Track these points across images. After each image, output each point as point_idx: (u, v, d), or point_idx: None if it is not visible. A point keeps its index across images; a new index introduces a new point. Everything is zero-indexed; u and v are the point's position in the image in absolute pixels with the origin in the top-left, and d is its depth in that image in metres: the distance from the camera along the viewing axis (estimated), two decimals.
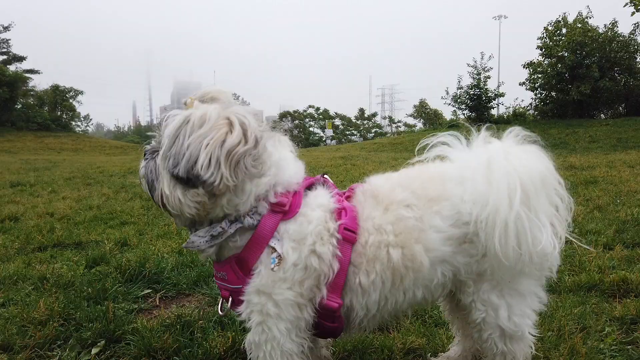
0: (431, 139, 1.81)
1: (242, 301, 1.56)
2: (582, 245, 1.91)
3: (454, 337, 2.17)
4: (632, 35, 23.23)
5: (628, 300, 2.74)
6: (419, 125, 51.21)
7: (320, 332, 1.67)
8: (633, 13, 21.71)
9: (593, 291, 2.92)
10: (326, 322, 1.61)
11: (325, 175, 1.74)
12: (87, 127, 46.88)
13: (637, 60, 23.75)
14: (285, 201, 1.54)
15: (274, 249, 1.51)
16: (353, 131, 58.61)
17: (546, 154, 1.69)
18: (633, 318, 2.51)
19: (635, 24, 23.41)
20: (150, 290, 3.19)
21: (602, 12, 25.29)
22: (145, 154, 1.57)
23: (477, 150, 1.71)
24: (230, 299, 1.61)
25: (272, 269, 1.50)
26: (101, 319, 2.59)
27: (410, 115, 54.56)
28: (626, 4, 21.74)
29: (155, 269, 3.40)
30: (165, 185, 1.45)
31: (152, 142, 1.59)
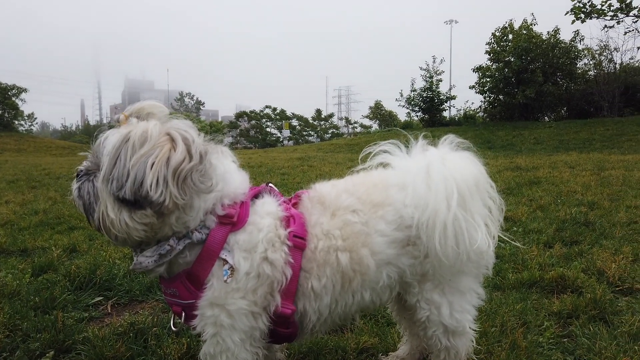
0: (374, 147, 1.91)
1: (195, 315, 1.55)
2: (515, 243, 2.08)
3: (402, 335, 2.26)
4: (572, 42, 24.55)
5: (565, 295, 2.94)
6: (375, 126, 52.10)
7: (275, 338, 1.70)
8: (573, 21, 22.94)
9: (534, 288, 3.10)
10: (280, 328, 1.64)
11: (270, 184, 1.77)
12: (32, 127, 44.63)
13: (578, 66, 25.14)
14: (233, 212, 1.55)
15: (226, 261, 1.51)
16: (310, 132, 58.87)
17: (478, 159, 1.81)
18: (569, 313, 2.68)
19: (575, 32, 24.76)
20: (101, 298, 3.12)
21: (545, 20, 26.59)
22: (78, 175, 1.50)
23: (417, 157, 1.81)
24: (184, 314, 1.60)
25: (225, 280, 1.50)
26: (50, 328, 2.51)
27: (366, 117, 55.52)
28: (567, 13, 22.95)
29: (107, 276, 3.32)
30: (110, 209, 1.40)
31: (86, 162, 1.52)
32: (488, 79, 25.55)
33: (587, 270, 3.33)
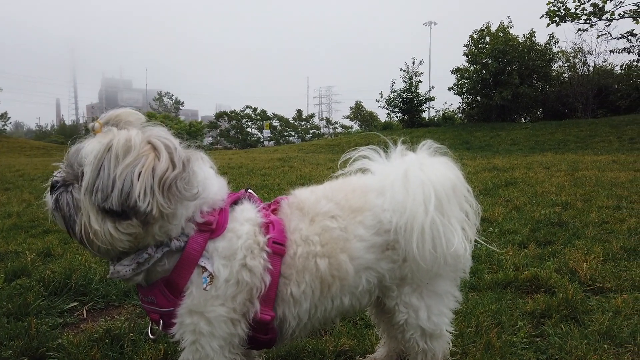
0: (353, 152, 1.93)
1: (173, 323, 1.54)
2: (489, 246, 2.12)
3: (380, 338, 2.29)
4: (547, 45, 25.08)
5: (538, 295, 3.00)
6: (356, 127, 52.33)
7: (254, 345, 1.70)
8: (548, 24, 23.44)
9: (509, 288, 3.17)
10: (259, 335, 1.64)
11: (250, 190, 1.77)
12: (5, 127, 43.58)
13: (553, 68, 25.71)
14: (212, 219, 1.55)
15: (205, 268, 1.51)
16: (291, 132, 58.77)
17: (455, 164, 1.85)
18: (542, 312, 2.75)
19: (550, 35, 25.33)
20: (76, 303, 3.07)
21: (521, 23, 27.09)
22: (55, 186, 1.47)
23: (395, 163, 1.85)
24: (161, 321, 1.59)
25: (205, 288, 1.50)
26: (23, 336, 2.46)
27: (347, 117, 55.74)
28: (542, 16, 23.44)
29: (83, 280, 3.27)
30: (93, 221, 1.38)
31: (61, 172, 1.48)
32: (466, 81, 25.96)
33: (559, 270, 3.42)
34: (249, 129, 56.06)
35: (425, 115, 30.15)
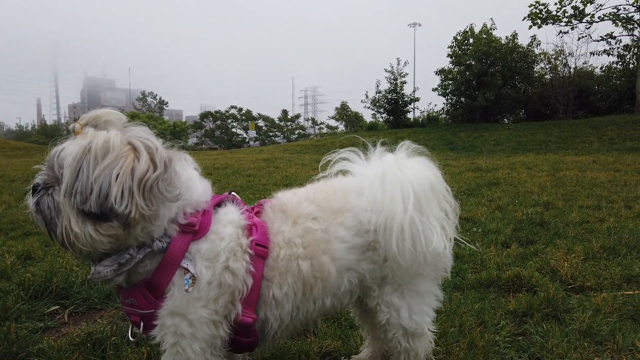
0: (333, 155, 1.95)
1: (154, 325, 1.53)
2: (470, 246, 2.15)
3: (365, 339, 2.30)
4: (530, 47, 25.47)
5: (520, 294, 3.04)
6: (341, 127, 52.42)
7: (236, 347, 1.69)
8: (530, 26, 23.85)
9: (492, 287, 3.20)
10: (241, 337, 1.63)
11: (233, 193, 1.76)
12: None
13: (535, 69, 26.11)
14: (195, 221, 1.54)
15: (187, 270, 1.50)
16: (276, 132, 58.71)
17: (433, 164, 1.87)
18: (524, 311, 2.78)
19: (532, 37, 25.74)
20: (58, 307, 3.01)
21: (504, 25, 27.46)
22: (36, 189, 1.45)
23: (374, 164, 1.86)
24: (142, 324, 1.57)
25: (187, 289, 1.49)
26: (2, 340, 2.41)
27: (333, 118, 55.79)
28: (524, 18, 23.83)
29: (64, 284, 3.22)
30: (73, 223, 1.37)
31: (41, 174, 1.47)
32: (450, 82, 26.21)
33: (541, 269, 3.47)
34: (234, 130, 55.88)
35: (410, 116, 30.41)
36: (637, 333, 2.43)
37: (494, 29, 25.60)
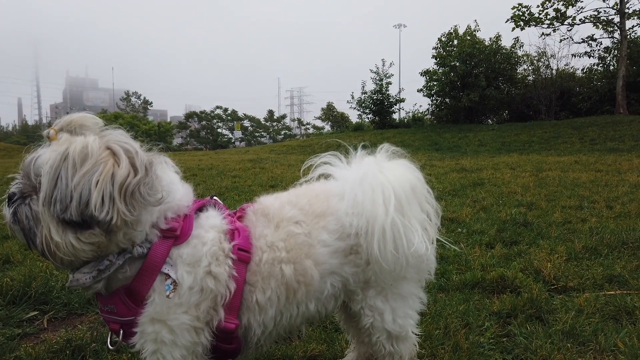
0: (315, 159, 1.94)
1: (134, 332, 1.49)
2: (454, 247, 2.14)
3: (350, 343, 2.28)
4: (513, 49, 25.81)
5: (505, 295, 3.05)
6: (327, 127, 52.47)
7: (218, 354, 1.66)
8: (513, 29, 24.17)
9: (476, 288, 3.21)
10: (224, 344, 1.61)
11: (215, 197, 1.74)
12: None
13: (518, 71, 26.46)
14: (176, 226, 1.51)
15: (168, 275, 1.47)
16: (262, 133, 58.54)
17: (414, 166, 1.87)
18: (508, 312, 2.79)
19: (515, 39, 26.07)
20: (36, 312, 2.94)
21: (488, 26, 27.78)
22: (12, 199, 1.41)
23: (355, 167, 1.86)
24: (122, 331, 1.53)
25: (168, 295, 1.46)
26: None
27: (319, 118, 55.84)
28: (507, 20, 24.16)
29: (43, 288, 3.14)
30: (54, 232, 1.33)
31: (17, 183, 1.42)
32: (435, 83, 26.43)
33: (525, 270, 3.49)
34: (219, 130, 55.58)
35: (395, 116, 30.56)
36: (619, 333, 2.45)
37: (477, 31, 25.91)
